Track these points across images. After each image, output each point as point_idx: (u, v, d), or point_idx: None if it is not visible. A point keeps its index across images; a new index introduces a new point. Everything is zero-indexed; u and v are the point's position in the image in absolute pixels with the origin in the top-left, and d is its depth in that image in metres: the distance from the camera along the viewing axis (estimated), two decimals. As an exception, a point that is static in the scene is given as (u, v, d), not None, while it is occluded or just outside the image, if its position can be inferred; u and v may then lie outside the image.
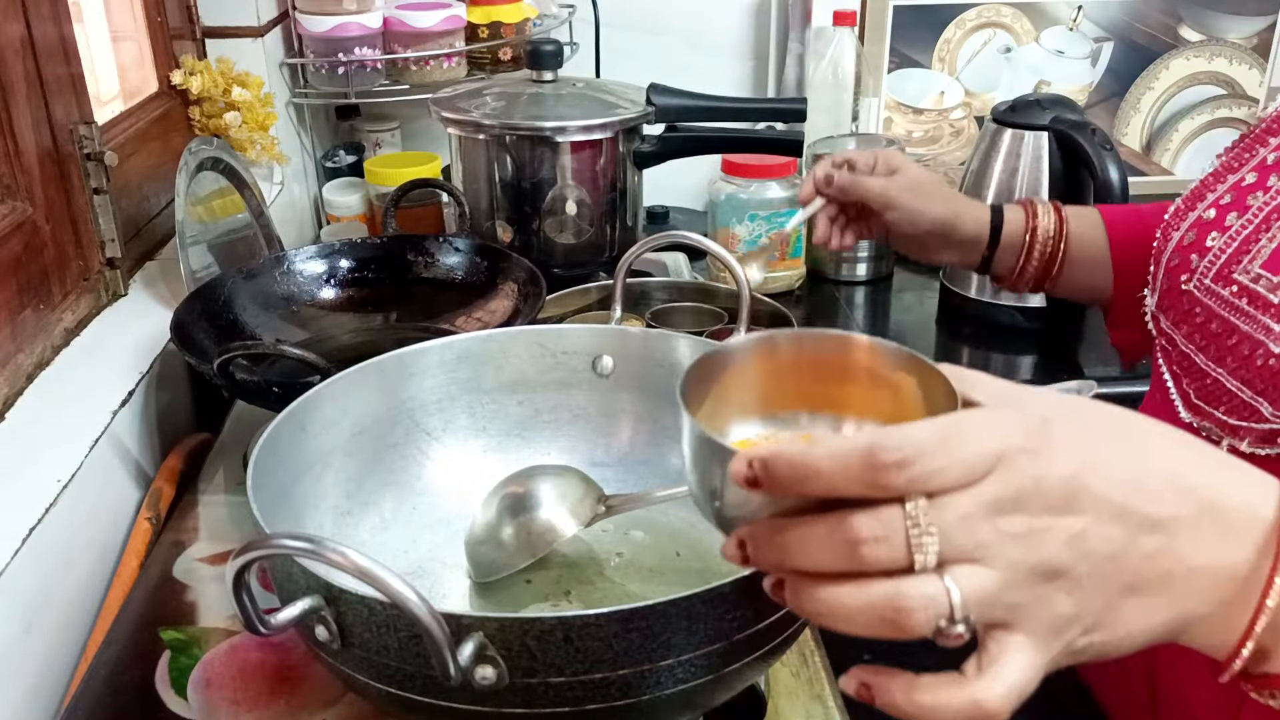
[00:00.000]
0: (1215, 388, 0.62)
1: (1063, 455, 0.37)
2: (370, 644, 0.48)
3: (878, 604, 0.36)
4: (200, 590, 0.74)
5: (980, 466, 0.36)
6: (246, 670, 0.66)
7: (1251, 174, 0.66)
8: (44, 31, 0.87)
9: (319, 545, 0.43)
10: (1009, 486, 0.36)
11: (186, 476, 0.87)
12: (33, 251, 0.84)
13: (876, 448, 0.35)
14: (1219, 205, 0.67)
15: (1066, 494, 0.37)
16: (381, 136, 1.44)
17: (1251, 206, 0.64)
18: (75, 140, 0.90)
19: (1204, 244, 0.65)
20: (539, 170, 1.09)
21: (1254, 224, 0.63)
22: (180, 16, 1.20)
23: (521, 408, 0.74)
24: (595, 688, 0.47)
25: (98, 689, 0.65)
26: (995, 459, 0.36)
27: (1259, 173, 0.66)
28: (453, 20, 1.31)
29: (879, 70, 1.48)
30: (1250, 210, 0.64)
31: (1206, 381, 0.63)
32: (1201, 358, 0.64)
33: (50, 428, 0.78)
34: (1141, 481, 0.38)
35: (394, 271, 1.00)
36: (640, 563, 0.67)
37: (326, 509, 0.65)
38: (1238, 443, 0.60)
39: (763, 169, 1.18)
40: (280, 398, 0.65)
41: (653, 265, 1.20)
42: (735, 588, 0.47)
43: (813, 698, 0.65)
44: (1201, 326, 0.64)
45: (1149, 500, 0.38)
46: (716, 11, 1.52)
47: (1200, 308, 0.64)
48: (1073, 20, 1.49)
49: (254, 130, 1.19)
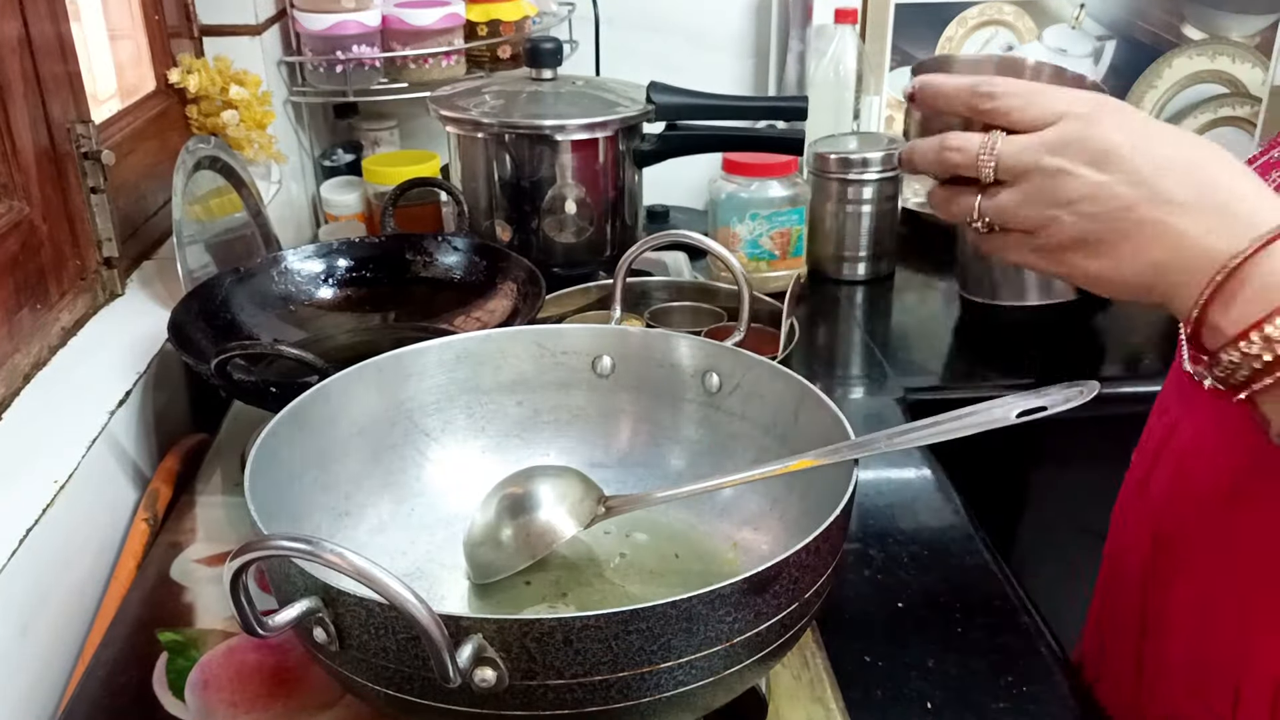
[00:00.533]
0: None
1: (1111, 128, 0.50)
2: (369, 646, 0.47)
3: (945, 164, 0.55)
4: (198, 591, 0.73)
5: (1047, 116, 0.51)
6: (244, 672, 0.66)
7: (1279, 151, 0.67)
8: (41, 30, 0.86)
9: (317, 546, 0.42)
10: (1061, 135, 0.51)
11: (184, 477, 0.87)
12: (29, 251, 0.84)
13: (981, 82, 0.53)
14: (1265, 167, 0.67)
15: (1100, 154, 0.50)
16: (380, 135, 1.43)
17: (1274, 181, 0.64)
18: (72, 139, 0.90)
19: None
20: (538, 169, 1.09)
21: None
22: (178, 15, 1.19)
23: (520, 408, 0.73)
24: (595, 690, 0.47)
25: (95, 691, 0.65)
26: (1060, 115, 0.51)
27: None
28: (451, 18, 1.30)
29: (880, 68, 1.47)
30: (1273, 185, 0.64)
31: None
32: None
33: (47, 428, 0.78)
34: (1169, 165, 0.49)
35: (392, 271, 1.00)
36: (640, 564, 0.66)
37: (324, 510, 0.65)
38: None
39: (764, 167, 1.18)
40: (278, 398, 0.64)
41: (653, 265, 1.20)
42: (736, 589, 0.47)
43: (814, 700, 0.64)
44: None
45: (1169, 179, 0.49)
46: (717, 9, 1.52)
47: None
48: (1075, 18, 1.49)
49: (251, 129, 1.18)
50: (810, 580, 0.51)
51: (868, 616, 0.73)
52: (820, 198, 1.26)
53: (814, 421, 0.63)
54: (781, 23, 1.48)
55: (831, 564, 0.53)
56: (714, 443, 0.71)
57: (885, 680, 0.67)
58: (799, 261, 1.25)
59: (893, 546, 0.80)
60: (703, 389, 0.71)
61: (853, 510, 0.56)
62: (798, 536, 0.50)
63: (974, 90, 0.53)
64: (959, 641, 0.71)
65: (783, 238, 1.22)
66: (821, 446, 0.59)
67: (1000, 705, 0.67)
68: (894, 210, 1.28)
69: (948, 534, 0.82)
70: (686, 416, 0.72)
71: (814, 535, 0.50)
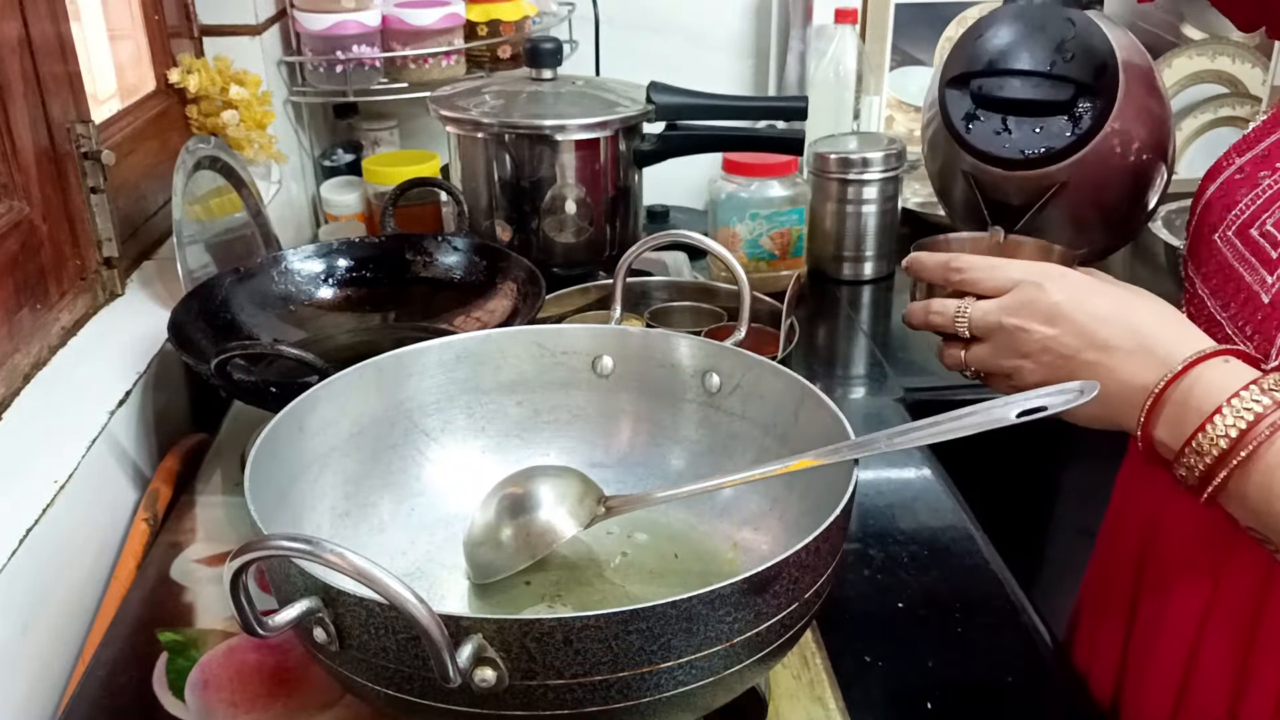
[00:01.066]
0: (1219, 334, 0.65)
1: (1055, 290, 0.62)
2: (369, 646, 0.47)
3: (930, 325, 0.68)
4: (198, 591, 0.73)
5: (1005, 284, 0.64)
6: (244, 672, 0.66)
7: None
8: (41, 30, 0.86)
9: (317, 546, 0.42)
10: (1017, 299, 0.63)
11: (184, 477, 0.87)
12: (30, 251, 0.84)
13: (953, 258, 0.66)
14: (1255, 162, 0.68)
15: (1050, 313, 0.61)
16: (380, 135, 1.43)
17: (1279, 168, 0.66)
18: (72, 139, 0.90)
19: (1234, 198, 0.68)
20: (538, 169, 1.09)
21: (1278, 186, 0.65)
22: (178, 15, 1.19)
23: (520, 408, 0.73)
24: (595, 690, 0.47)
25: (95, 691, 0.65)
26: (1015, 283, 0.63)
27: None
28: (451, 18, 1.30)
29: (880, 68, 1.47)
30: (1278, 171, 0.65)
31: (1213, 330, 0.65)
32: (1212, 303, 0.67)
33: (47, 428, 0.78)
34: (1106, 316, 0.60)
35: (392, 271, 1.00)
36: (640, 564, 0.66)
37: (324, 510, 0.65)
38: None
39: (764, 168, 1.18)
40: (278, 398, 0.64)
41: (653, 264, 1.20)
42: (736, 589, 0.47)
43: (814, 700, 0.64)
44: (1216, 274, 0.67)
45: (1105, 329, 0.60)
46: (717, 9, 1.52)
47: (1219, 258, 0.67)
48: (1074, 18, 1.48)
49: (251, 129, 1.18)
50: (810, 580, 0.51)
51: (868, 616, 0.73)
52: (820, 198, 1.26)
53: (814, 421, 0.63)
54: (781, 23, 1.48)
55: (831, 564, 0.53)
56: (714, 443, 0.71)
57: (885, 680, 0.67)
58: (799, 261, 1.25)
59: (893, 546, 0.80)
60: (703, 389, 0.71)
61: (853, 510, 0.56)
62: (798, 536, 0.50)
63: (947, 265, 0.67)
64: (959, 641, 0.71)
65: (783, 238, 1.22)
66: (821, 446, 0.59)
67: (1000, 705, 0.67)
68: (894, 210, 1.28)
69: (948, 534, 0.82)
70: (686, 416, 0.72)
71: (814, 535, 0.50)
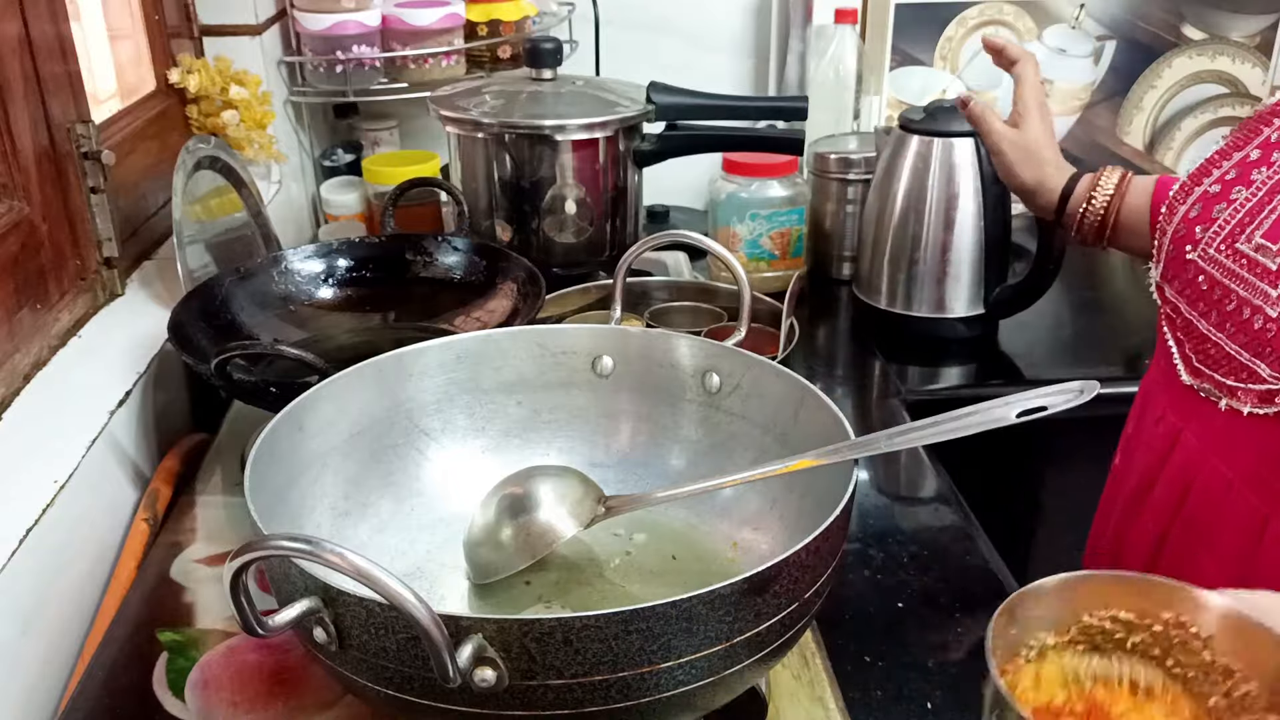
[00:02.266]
0: (1215, 352, 0.65)
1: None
2: (369, 646, 0.47)
3: None
4: (198, 591, 0.73)
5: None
6: (244, 672, 0.66)
7: (1256, 151, 0.69)
8: (41, 30, 0.86)
9: (317, 546, 0.42)
10: None
11: (184, 477, 0.87)
12: (30, 251, 0.84)
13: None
14: (1224, 180, 0.69)
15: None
16: (380, 135, 1.43)
17: (1255, 181, 0.67)
18: (72, 139, 0.90)
19: (1210, 216, 0.68)
20: (538, 169, 1.09)
21: (1257, 197, 0.66)
22: (178, 15, 1.19)
23: (520, 408, 0.73)
24: (595, 690, 0.47)
25: (95, 691, 0.65)
26: None
27: (1263, 150, 0.68)
28: (451, 18, 1.30)
29: (880, 68, 1.47)
30: (1254, 185, 0.67)
31: (1207, 346, 0.66)
32: (1203, 323, 0.67)
33: (47, 428, 0.77)
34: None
35: (392, 271, 1.00)
36: (640, 564, 0.66)
37: (324, 510, 0.65)
38: (1237, 404, 0.64)
39: (764, 167, 1.18)
40: (278, 398, 0.64)
41: (653, 265, 1.20)
42: (736, 589, 0.47)
43: (814, 700, 0.64)
44: (1204, 294, 0.67)
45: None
46: (717, 9, 1.51)
47: (1203, 276, 0.67)
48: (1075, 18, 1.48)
49: (252, 129, 1.18)
50: (810, 580, 0.51)
51: (868, 616, 0.73)
52: (820, 198, 1.26)
53: (814, 421, 0.63)
54: (781, 23, 1.48)
55: (831, 564, 0.53)
56: (714, 443, 0.71)
57: (885, 680, 0.67)
58: (799, 261, 1.24)
59: (893, 546, 0.80)
60: (703, 389, 0.71)
61: (853, 510, 0.56)
62: (798, 536, 0.50)
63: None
64: (959, 641, 0.71)
65: (783, 238, 1.22)
66: (821, 446, 0.59)
67: (1000, 705, 0.67)
68: (894, 210, 1.28)
69: (948, 534, 0.82)
70: (686, 416, 0.72)
71: (814, 535, 0.50)
